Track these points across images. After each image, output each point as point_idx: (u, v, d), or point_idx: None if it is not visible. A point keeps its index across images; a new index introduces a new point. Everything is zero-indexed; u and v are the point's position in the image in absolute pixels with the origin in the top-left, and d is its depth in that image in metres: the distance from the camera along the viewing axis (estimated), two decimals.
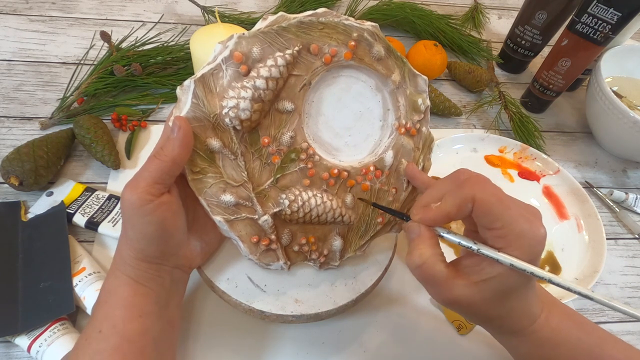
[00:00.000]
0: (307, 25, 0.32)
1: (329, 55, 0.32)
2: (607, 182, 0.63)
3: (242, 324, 0.42)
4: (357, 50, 0.33)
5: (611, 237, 0.56)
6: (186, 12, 0.74)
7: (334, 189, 0.36)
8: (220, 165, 0.32)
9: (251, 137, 0.33)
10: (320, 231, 0.36)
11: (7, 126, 0.53)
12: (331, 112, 0.35)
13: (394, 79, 0.35)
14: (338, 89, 0.35)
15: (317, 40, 0.32)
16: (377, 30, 0.34)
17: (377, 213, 0.37)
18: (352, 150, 0.37)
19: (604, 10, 0.55)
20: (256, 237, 0.34)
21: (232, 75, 0.31)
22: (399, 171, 0.37)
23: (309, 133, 0.35)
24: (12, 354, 0.38)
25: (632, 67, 0.66)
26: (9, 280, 0.40)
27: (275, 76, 0.31)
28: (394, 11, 0.75)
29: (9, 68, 0.59)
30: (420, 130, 0.37)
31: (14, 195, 0.47)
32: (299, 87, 0.33)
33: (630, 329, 0.48)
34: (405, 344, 0.43)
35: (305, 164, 0.34)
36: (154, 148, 0.31)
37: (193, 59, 0.55)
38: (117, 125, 0.55)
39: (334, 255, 0.37)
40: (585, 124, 0.68)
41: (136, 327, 0.31)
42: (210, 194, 0.32)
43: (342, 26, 0.32)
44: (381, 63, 0.34)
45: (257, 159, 0.33)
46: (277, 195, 0.34)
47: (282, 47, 0.31)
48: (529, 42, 0.70)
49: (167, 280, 0.33)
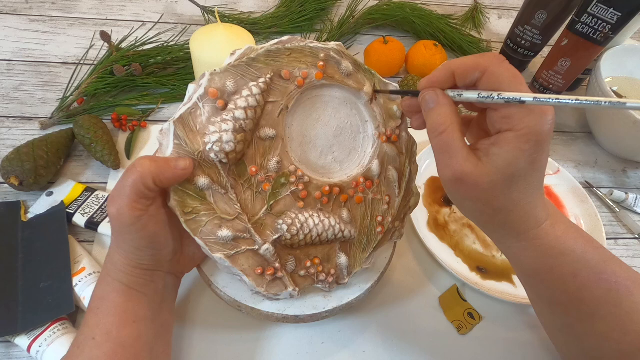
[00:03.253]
0: (275, 53, 0.33)
1: (300, 78, 0.33)
2: (607, 182, 0.63)
3: (241, 324, 0.42)
4: (326, 70, 0.34)
5: (611, 237, 0.56)
6: (186, 12, 0.74)
7: (329, 207, 0.36)
8: (212, 202, 0.32)
9: (238, 168, 0.33)
10: (323, 251, 0.36)
11: (7, 126, 0.53)
12: (312, 132, 0.36)
13: (366, 91, 0.36)
14: (315, 109, 0.36)
15: (287, 65, 0.33)
16: (342, 48, 0.35)
17: (376, 224, 0.37)
18: (339, 165, 0.37)
19: (604, 10, 0.55)
20: (260, 269, 0.34)
21: (210, 111, 0.31)
22: (389, 178, 0.38)
23: (295, 156, 0.35)
24: (12, 354, 0.38)
25: (632, 67, 0.66)
26: (9, 280, 0.40)
27: (252, 105, 0.31)
28: (394, 11, 0.75)
29: (9, 68, 0.59)
30: (400, 136, 0.38)
31: (14, 195, 0.47)
32: (277, 112, 0.33)
33: None
34: (405, 344, 0.43)
35: (297, 186, 0.34)
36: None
37: (193, 59, 0.55)
38: (117, 125, 0.55)
39: (342, 273, 0.37)
40: (585, 124, 0.68)
41: (130, 333, 0.30)
42: (206, 232, 0.32)
43: (309, 49, 0.34)
44: (351, 78, 0.35)
45: (247, 189, 0.33)
46: (274, 222, 0.34)
47: (255, 77, 0.32)
48: (529, 42, 0.70)
49: (160, 286, 0.33)
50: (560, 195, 0.58)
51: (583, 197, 0.56)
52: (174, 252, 0.33)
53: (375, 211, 0.37)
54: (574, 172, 0.63)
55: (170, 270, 0.34)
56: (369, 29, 0.77)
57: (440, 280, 0.48)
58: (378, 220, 0.37)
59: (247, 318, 0.42)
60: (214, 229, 0.32)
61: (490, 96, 0.27)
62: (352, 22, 0.74)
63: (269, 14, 0.74)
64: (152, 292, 0.33)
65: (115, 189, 0.29)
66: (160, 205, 0.31)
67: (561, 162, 0.63)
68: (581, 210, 0.56)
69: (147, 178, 0.28)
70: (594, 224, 0.54)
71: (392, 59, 0.67)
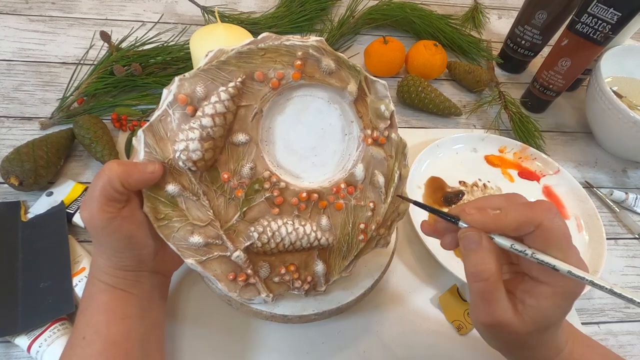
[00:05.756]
0: (247, 54, 0.31)
1: (275, 79, 0.32)
2: (607, 182, 0.63)
3: (241, 324, 0.42)
4: (305, 69, 0.32)
5: (611, 237, 0.56)
6: (186, 12, 0.74)
7: (307, 213, 0.35)
8: (184, 208, 0.32)
9: (211, 175, 0.32)
10: (299, 258, 0.36)
11: (7, 126, 0.53)
12: (292, 135, 0.34)
13: (350, 90, 0.33)
14: (295, 110, 0.34)
15: (260, 67, 0.31)
16: (322, 44, 0.32)
17: (358, 231, 0.36)
18: (319, 169, 0.36)
19: (604, 10, 0.55)
20: (232, 274, 0.34)
21: (180, 118, 0.31)
22: (374, 183, 0.35)
23: (271, 160, 0.34)
24: (12, 354, 0.38)
25: (632, 67, 0.66)
26: (9, 280, 0.40)
27: (220, 111, 0.30)
28: (394, 11, 0.75)
29: (9, 68, 0.59)
30: (389, 138, 0.35)
31: (14, 195, 0.47)
32: (250, 117, 0.32)
33: (630, 329, 0.48)
34: (405, 344, 0.43)
35: (271, 193, 0.34)
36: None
37: (193, 59, 0.55)
38: (117, 125, 0.55)
39: (319, 281, 0.37)
40: (585, 124, 0.68)
41: (119, 330, 0.31)
42: (178, 238, 0.32)
43: (284, 47, 0.31)
44: (334, 76, 0.33)
45: (220, 195, 0.33)
46: (247, 229, 0.33)
47: (225, 80, 0.31)
48: (529, 42, 0.70)
49: (146, 285, 0.33)
50: (561, 195, 0.58)
51: (583, 197, 0.56)
52: (155, 251, 0.33)
53: (357, 218, 0.36)
54: (574, 172, 0.63)
55: (155, 269, 0.34)
56: (369, 29, 0.77)
57: (440, 280, 0.48)
58: (360, 227, 0.36)
59: (247, 318, 0.42)
60: (186, 235, 0.32)
61: (524, 252, 0.27)
62: (352, 22, 0.74)
63: (269, 14, 0.74)
64: (139, 291, 0.33)
65: (87, 193, 0.30)
66: (136, 207, 0.32)
67: (561, 162, 0.63)
68: (581, 210, 0.56)
69: (115, 181, 0.29)
70: (594, 224, 0.54)
71: (392, 59, 0.67)
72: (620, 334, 0.48)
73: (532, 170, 0.60)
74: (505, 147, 0.61)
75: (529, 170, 0.60)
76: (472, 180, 0.58)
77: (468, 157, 0.60)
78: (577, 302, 0.49)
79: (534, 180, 0.59)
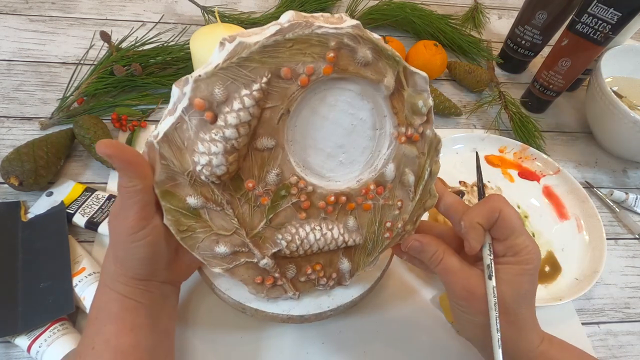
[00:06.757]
0: (273, 47, 0.26)
1: (305, 76, 0.27)
2: (607, 182, 0.63)
3: (241, 324, 0.42)
4: (338, 61, 0.27)
5: (611, 237, 0.56)
6: (186, 12, 0.74)
7: (334, 215, 0.33)
8: (208, 219, 0.31)
9: (234, 183, 0.30)
10: (325, 257, 0.35)
11: (7, 126, 0.53)
12: (319, 134, 0.31)
13: (386, 83, 0.29)
14: (323, 106, 0.30)
15: (287, 61, 0.27)
16: (359, 30, 0.27)
17: (384, 229, 0.35)
18: (347, 168, 0.33)
19: (604, 10, 0.55)
20: (260, 278, 0.33)
21: (198, 125, 0.27)
22: (404, 182, 0.34)
23: (297, 161, 0.31)
24: (12, 354, 0.38)
25: (632, 67, 0.66)
26: (9, 280, 0.40)
27: (245, 120, 0.27)
28: (394, 11, 0.75)
29: (9, 68, 0.59)
30: (424, 134, 0.33)
31: (14, 195, 0.47)
32: (276, 119, 0.28)
33: (630, 329, 0.48)
34: (405, 344, 0.43)
35: (298, 198, 0.32)
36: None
37: (193, 59, 0.55)
38: (117, 125, 0.55)
39: (344, 276, 0.37)
40: (585, 124, 0.68)
41: (129, 341, 0.30)
42: (203, 248, 0.31)
43: (316, 37, 0.27)
44: (370, 68, 0.29)
45: (245, 203, 0.31)
46: (274, 235, 0.32)
47: (248, 80, 0.26)
48: (529, 42, 0.70)
49: (156, 295, 0.33)
50: (561, 195, 0.58)
51: (583, 197, 0.56)
52: (168, 262, 0.33)
53: (384, 217, 0.34)
54: (574, 172, 0.63)
55: (165, 279, 0.34)
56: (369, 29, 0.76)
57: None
58: (387, 226, 0.35)
59: (248, 319, 0.42)
60: (211, 245, 0.31)
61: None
62: None
63: (269, 14, 0.74)
64: (149, 301, 0.33)
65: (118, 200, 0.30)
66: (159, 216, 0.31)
67: (561, 162, 0.63)
68: (581, 210, 0.56)
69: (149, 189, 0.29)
70: (594, 224, 0.54)
71: None
72: (620, 334, 0.48)
73: (532, 171, 0.60)
74: (505, 147, 0.61)
75: (529, 171, 0.60)
76: (472, 180, 0.58)
77: (468, 157, 0.60)
78: (577, 302, 0.49)
79: (534, 180, 0.59)
